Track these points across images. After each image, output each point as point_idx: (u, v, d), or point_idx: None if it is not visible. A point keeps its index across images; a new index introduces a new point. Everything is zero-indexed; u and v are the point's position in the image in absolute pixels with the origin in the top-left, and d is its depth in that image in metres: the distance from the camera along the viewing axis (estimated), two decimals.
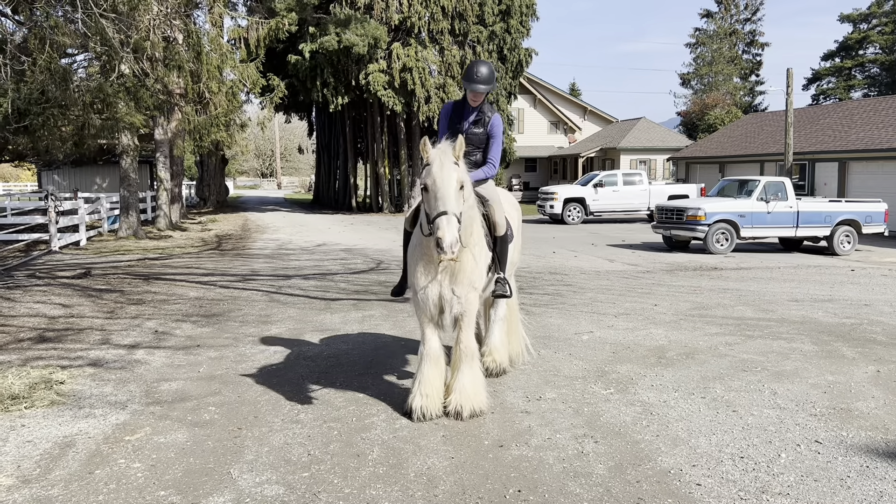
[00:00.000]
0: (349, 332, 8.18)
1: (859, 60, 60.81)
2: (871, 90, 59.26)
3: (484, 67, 5.54)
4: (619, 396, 5.69)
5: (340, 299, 10.35)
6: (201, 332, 8.16)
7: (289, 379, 6.28)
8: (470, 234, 4.92)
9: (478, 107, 5.65)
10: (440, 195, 4.45)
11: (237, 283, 11.98)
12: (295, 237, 21.94)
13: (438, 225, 4.38)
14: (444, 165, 4.53)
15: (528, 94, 47.05)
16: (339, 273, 13.44)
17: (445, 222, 4.36)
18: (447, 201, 4.43)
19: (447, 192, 4.45)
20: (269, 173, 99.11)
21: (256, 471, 4.34)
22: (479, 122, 5.64)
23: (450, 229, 4.34)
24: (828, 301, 10.38)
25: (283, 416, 5.32)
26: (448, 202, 4.42)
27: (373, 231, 24.42)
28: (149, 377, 6.36)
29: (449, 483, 4.08)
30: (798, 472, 4.24)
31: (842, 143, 25.82)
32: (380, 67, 29.99)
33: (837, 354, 7.05)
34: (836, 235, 17.90)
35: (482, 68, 5.52)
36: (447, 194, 4.45)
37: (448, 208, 4.41)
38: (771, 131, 31.32)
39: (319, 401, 5.68)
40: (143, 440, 4.85)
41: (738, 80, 67.44)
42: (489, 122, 5.64)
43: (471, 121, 5.64)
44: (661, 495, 3.93)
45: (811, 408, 5.41)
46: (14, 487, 4.14)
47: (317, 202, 46.16)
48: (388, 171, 36.67)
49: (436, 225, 4.41)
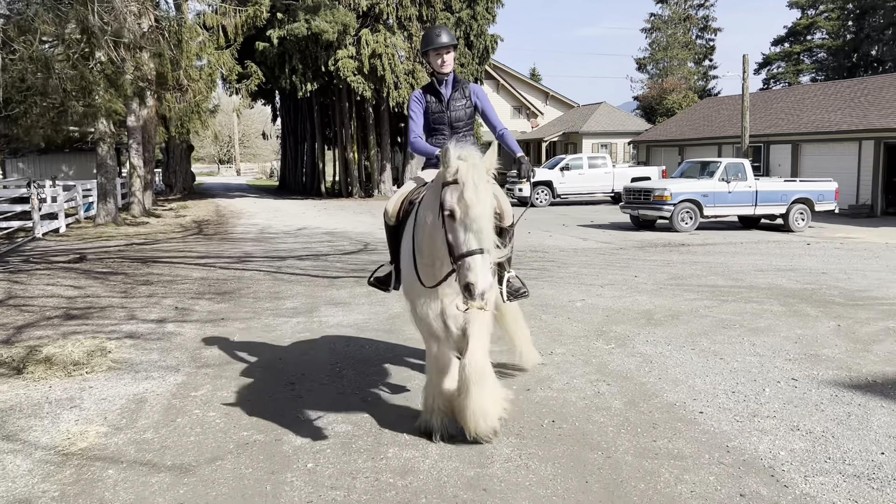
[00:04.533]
0: (360, 304, 8.82)
1: (807, 45, 62.88)
2: (818, 74, 61.41)
3: (438, 28, 4.96)
4: (620, 350, 6.47)
5: (342, 277, 10.95)
6: (220, 308, 8.71)
7: (320, 344, 6.92)
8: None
9: (450, 76, 4.98)
10: (475, 227, 3.43)
11: (236, 265, 12.47)
12: (273, 222, 22.31)
13: (470, 266, 3.40)
14: (479, 188, 3.50)
15: (491, 80, 47.72)
16: (330, 254, 14.01)
17: (480, 263, 3.39)
18: (482, 236, 3.44)
19: (483, 225, 3.44)
20: (227, 160, 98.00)
21: (322, 412, 4.98)
22: (459, 92, 4.99)
23: (484, 273, 3.37)
24: (789, 270, 11.36)
25: (328, 373, 5.96)
26: (484, 237, 3.45)
27: (348, 215, 24.90)
28: (189, 346, 6.92)
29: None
30: (780, 401, 5.07)
31: (794, 126, 27.15)
32: (349, 54, 30.32)
33: (803, 313, 7.96)
34: (792, 213, 19.05)
35: (437, 30, 4.93)
36: (483, 227, 3.44)
37: (484, 245, 3.43)
38: (727, 115, 32.60)
39: (356, 359, 6.33)
40: (209, 395, 5.44)
41: (693, 64, 69.09)
42: (470, 92, 5.01)
43: (450, 94, 4.96)
44: (671, 421, 4.71)
45: (786, 354, 6.27)
46: (109, 433, 4.72)
47: (283, 188, 46.25)
48: (357, 156, 37.03)
49: (466, 265, 3.42)
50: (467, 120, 5.02)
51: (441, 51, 4.88)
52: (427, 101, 4.99)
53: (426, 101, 4.99)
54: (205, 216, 25.04)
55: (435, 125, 4.98)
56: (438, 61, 4.92)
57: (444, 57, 4.90)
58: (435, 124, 4.98)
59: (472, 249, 3.45)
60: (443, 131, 5.00)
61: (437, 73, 4.97)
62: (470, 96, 4.99)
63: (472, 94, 5.00)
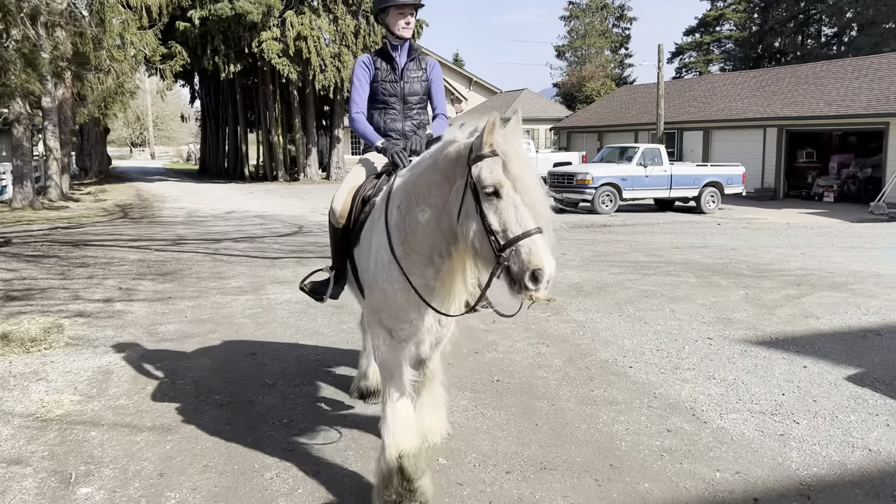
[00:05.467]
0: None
1: (716, 36, 65.70)
2: (727, 64, 64.35)
3: None
4: (556, 317, 7.06)
5: (282, 258, 11.18)
6: (165, 288, 8.84)
7: (275, 318, 7.23)
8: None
9: (408, 43, 4.20)
10: (529, 201, 2.81)
11: (171, 247, 12.48)
12: (199, 206, 22.07)
13: (531, 249, 2.71)
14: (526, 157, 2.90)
15: None
16: (266, 236, 14.15)
17: (542, 244, 2.74)
18: (539, 210, 2.82)
19: (539, 197, 2.85)
20: (140, 143, 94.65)
21: (287, 378, 5.34)
22: (416, 63, 4.22)
23: (548, 254, 2.75)
24: (702, 247, 12.30)
25: (287, 343, 6.30)
26: (540, 212, 2.82)
27: (276, 199, 24.84)
28: (142, 323, 7.10)
29: (448, 376, 5.27)
30: (698, 356, 5.76)
31: (706, 114, 28.66)
32: (273, 35, 30.03)
33: (715, 284, 8.78)
34: (703, 196, 20.28)
35: None
36: (539, 199, 2.84)
37: (541, 221, 2.80)
38: (644, 102, 34.01)
39: (311, 331, 6.68)
40: (173, 366, 5.70)
41: (609, 52, 71.12)
42: (427, 65, 4.26)
43: (405, 63, 4.18)
44: (605, 374, 5.31)
45: (702, 318, 7.00)
46: (83, 401, 4.94)
47: (205, 172, 45.30)
48: (282, 139, 36.71)
49: (525, 249, 2.72)
50: (422, 95, 4.24)
51: (405, 9, 4.06)
52: (377, 67, 4.14)
53: (375, 67, 4.14)
54: (127, 200, 24.48)
55: (383, 96, 4.15)
56: (401, 22, 4.07)
57: (409, 17, 4.10)
58: (384, 96, 4.15)
59: (530, 229, 2.74)
60: (392, 105, 4.16)
61: (396, 36, 4.11)
62: (427, 69, 4.25)
63: (429, 68, 4.26)
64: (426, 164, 3.20)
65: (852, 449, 4.05)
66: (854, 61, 27.60)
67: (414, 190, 3.21)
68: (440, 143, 3.14)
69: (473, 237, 2.86)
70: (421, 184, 3.17)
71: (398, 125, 4.21)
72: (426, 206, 3.13)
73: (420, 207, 3.15)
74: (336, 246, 4.00)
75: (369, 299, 3.53)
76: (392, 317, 3.38)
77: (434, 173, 3.10)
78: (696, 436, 4.22)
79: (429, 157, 3.22)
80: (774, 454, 4.00)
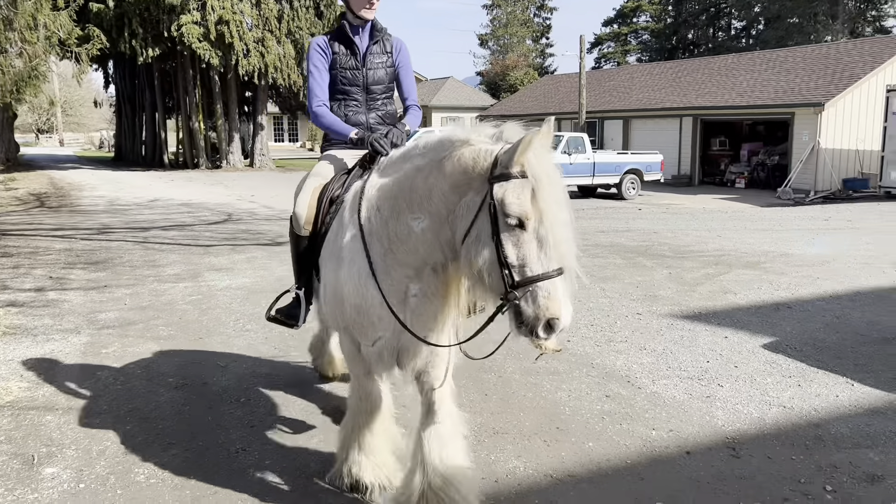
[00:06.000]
0: (243, 269, 9.12)
1: (633, 27, 67.70)
2: (643, 55, 66.42)
3: None
4: None
5: (215, 245, 11.10)
6: (99, 276, 8.69)
7: (218, 303, 7.25)
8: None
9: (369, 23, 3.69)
10: (557, 237, 2.41)
11: (98, 236, 12.16)
12: (120, 194, 21.39)
13: (550, 293, 2.37)
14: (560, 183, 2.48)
15: None
16: (195, 224, 13.95)
17: (562, 290, 2.40)
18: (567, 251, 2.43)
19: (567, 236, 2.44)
20: (47, 129, 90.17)
21: (239, 361, 5.44)
22: (380, 45, 3.70)
23: (567, 301, 2.41)
24: (626, 231, 12.89)
25: (233, 327, 6.37)
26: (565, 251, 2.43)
27: (200, 187, 24.31)
28: (80, 311, 7.01)
29: None
30: (629, 329, 6.17)
31: (625, 104, 29.65)
32: (193, 19, 29.22)
33: (640, 265, 9.28)
34: (624, 182, 21.08)
35: None
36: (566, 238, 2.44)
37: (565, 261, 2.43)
38: (566, 92, 34.85)
39: (254, 315, 6.76)
40: (120, 352, 5.70)
41: (531, 42, 72.21)
42: (393, 47, 3.75)
43: (368, 47, 3.67)
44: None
45: (630, 296, 7.45)
46: (32, 388, 4.92)
47: (121, 159, 43.64)
48: (202, 126, 35.80)
49: (542, 292, 2.37)
50: (388, 83, 3.76)
51: None
52: (335, 51, 3.63)
53: (333, 51, 3.63)
54: (41, 189, 23.47)
55: (343, 86, 3.65)
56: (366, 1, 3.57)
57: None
58: (343, 85, 3.65)
59: (551, 270, 2.38)
60: (354, 96, 3.68)
61: (357, 17, 3.61)
62: (392, 52, 3.73)
63: (395, 51, 3.74)
64: (420, 162, 2.73)
65: (769, 406, 4.50)
66: (762, 54, 29.08)
67: (402, 191, 2.76)
68: (442, 140, 2.70)
69: (483, 266, 2.46)
70: (417, 186, 2.70)
71: (361, 117, 3.71)
72: (423, 213, 2.68)
73: (415, 214, 2.71)
74: (301, 258, 3.41)
75: (337, 313, 3.05)
76: (363, 334, 2.99)
77: (438, 177, 2.63)
78: (632, 400, 4.59)
79: (426, 153, 2.74)
80: (703, 413, 4.40)
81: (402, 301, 2.84)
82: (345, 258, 2.95)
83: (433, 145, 2.75)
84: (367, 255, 2.85)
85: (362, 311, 2.91)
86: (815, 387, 4.83)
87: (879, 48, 23.68)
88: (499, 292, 2.46)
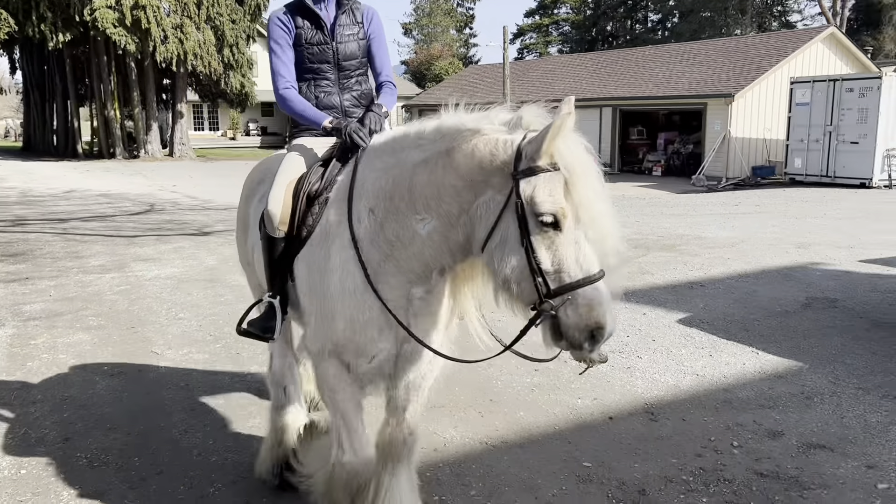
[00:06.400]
0: (170, 259, 9.02)
1: (554, 19, 68.92)
2: (564, 46, 67.74)
3: None
4: None
5: (140, 236, 10.89)
6: (19, 269, 8.44)
7: (147, 293, 7.19)
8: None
9: None
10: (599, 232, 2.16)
11: (13, 228, 11.73)
12: (32, 185, 20.54)
13: (593, 301, 2.08)
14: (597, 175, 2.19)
15: (261, 38, 46.58)
16: (117, 215, 13.60)
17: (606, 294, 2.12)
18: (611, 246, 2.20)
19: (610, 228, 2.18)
20: None
21: (174, 348, 5.46)
22: (349, 16, 3.22)
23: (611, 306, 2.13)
24: None
25: (166, 316, 6.35)
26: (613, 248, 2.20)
27: (118, 177, 23.55)
28: (3, 303, 6.83)
29: None
30: None
31: (548, 94, 30.27)
32: (108, 3, 28.15)
33: None
34: None
35: None
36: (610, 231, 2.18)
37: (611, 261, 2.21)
38: (491, 82, 35.28)
39: (189, 304, 6.75)
40: (50, 342, 5.62)
41: (455, 32, 72.54)
42: (363, 16, 3.26)
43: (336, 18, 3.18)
44: None
45: None
46: None
47: (29, 149, 41.60)
48: (119, 114, 34.56)
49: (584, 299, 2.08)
50: (361, 58, 3.26)
51: None
52: (298, 26, 3.17)
53: (296, 26, 3.17)
54: None
55: (311, 64, 3.17)
56: None
57: None
58: (311, 63, 3.17)
59: (593, 273, 2.11)
60: (325, 74, 3.20)
61: None
62: (363, 22, 3.25)
63: (367, 20, 3.27)
64: (419, 155, 2.42)
65: (684, 375, 4.87)
66: (677, 46, 30.22)
67: (399, 190, 2.44)
68: (444, 129, 2.39)
69: (511, 274, 2.16)
70: (419, 184, 2.38)
71: (334, 99, 3.20)
72: (430, 214, 2.37)
73: (420, 216, 2.39)
74: (274, 262, 2.93)
75: (325, 330, 2.63)
76: (360, 352, 2.60)
77: (447, 173, 2.32)
78: (558, 373, 4.87)
79: (424, 145, 2.43)
80: (624, 383, 4.73)
81: (406, 308, 2.51)
82: (334, 270, 2.56)
83: (432, 135, 2.42)
84: (363, 264, 2.48)
85: (359, 327, 2.54)
86: (725, 356, 5.24)
87: (784, 42, 24.99)
88: (530, 302, 2.16)
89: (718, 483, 3.45)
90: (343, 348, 2.60)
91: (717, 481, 3.47)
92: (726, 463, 3.64)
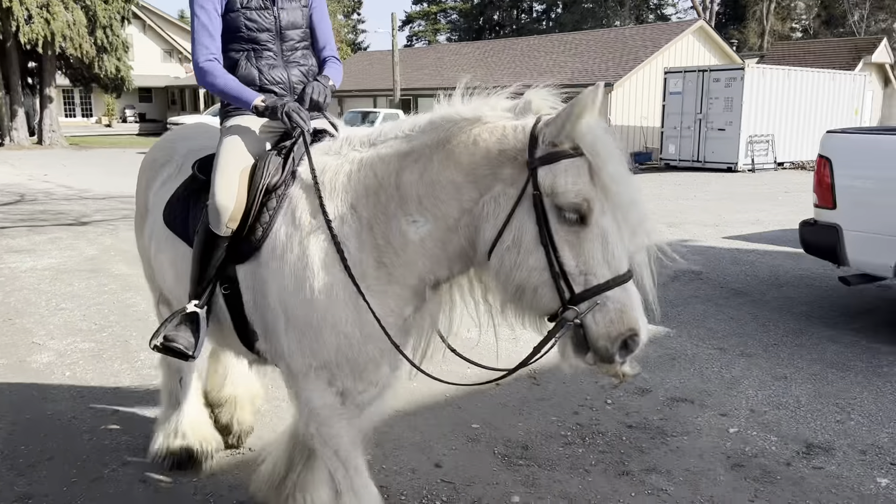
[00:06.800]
0: (46, 249, 8.62)
1: (442, 7, 69.43)
2: (453, 34, 68.43)
3: None
4: None
5: (10, 227, 10.29)
6: None
7: (24, 285, 6.89)
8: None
9: None
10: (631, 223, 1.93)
11: None
12: None
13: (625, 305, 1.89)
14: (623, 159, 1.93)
15: (136, 20, 44.38)
16: None
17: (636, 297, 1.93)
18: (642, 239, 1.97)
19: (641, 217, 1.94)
20: None
21: (57, 338, 5.30)
22: None
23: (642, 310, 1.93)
24: None
25: (46, 307, 6.13)
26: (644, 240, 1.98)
27: None
28: None
29: None
30: None
31: (437, 82, 30.60)
32: None
33: None
34: None
35: None
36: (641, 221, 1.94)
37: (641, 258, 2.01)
38: (381, 69, 35.25)
39: (73, 294, 6.53)
40: None
41: (343, 17, 71.72)
42: None
43: None
44: None
45: None
46: None
47: None
48: None
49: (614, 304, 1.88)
50: (305, 28, 2.91)
51: None
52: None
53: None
54: None
55: (250, 32, 2.76)
56: None
57: None
58: (250, 31, 2.76)
59: (623, 272, 1.89)
60: (266, 45, 2.79)
61: None
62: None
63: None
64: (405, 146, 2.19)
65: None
66: (560, 37, 31.27)
67: (385, 186, 2.19)
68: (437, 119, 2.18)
69: (527, 279, 1.93)
70: (407, 180, 2.15)
71: (281, 73, 2.80)
72: (424, 216, 2.13)
73: (412, 217, 2.14)
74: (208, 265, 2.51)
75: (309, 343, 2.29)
76: (360, 377, 2.31)
77: (443, 167, 2.08)
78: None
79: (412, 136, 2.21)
80: (509, 353, 5.00)
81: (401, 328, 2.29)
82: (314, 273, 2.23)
83: (424, 126, 2.19)
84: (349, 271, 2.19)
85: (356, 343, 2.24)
86: None
87: (658, 34, 26.40)
88: (549, 310, 1.93)
89: (594, 436, 3.79)
90: (338, 369, 2.28)
91: (592, 434, 3.80)
92: (600, 419, 3.99)
